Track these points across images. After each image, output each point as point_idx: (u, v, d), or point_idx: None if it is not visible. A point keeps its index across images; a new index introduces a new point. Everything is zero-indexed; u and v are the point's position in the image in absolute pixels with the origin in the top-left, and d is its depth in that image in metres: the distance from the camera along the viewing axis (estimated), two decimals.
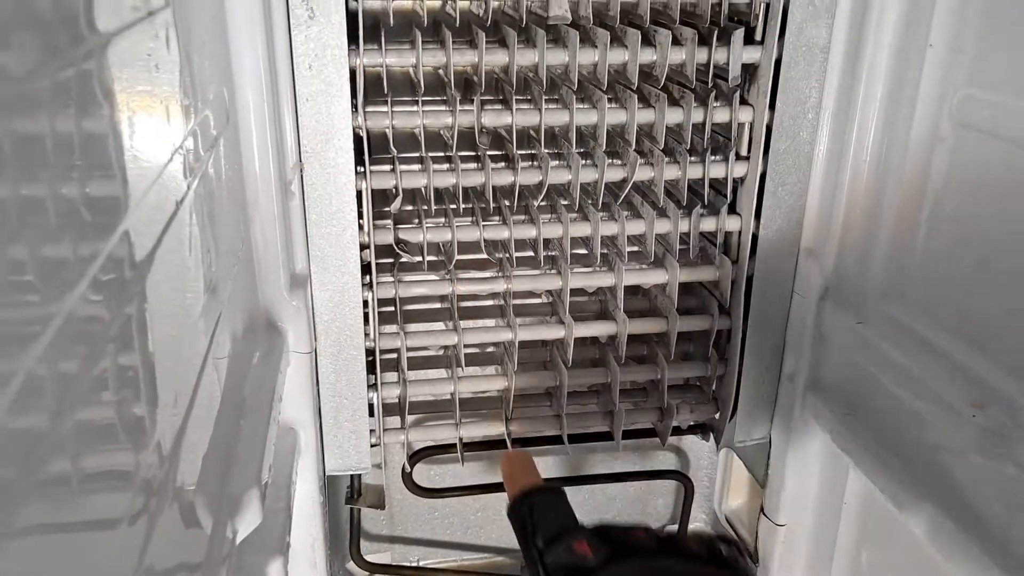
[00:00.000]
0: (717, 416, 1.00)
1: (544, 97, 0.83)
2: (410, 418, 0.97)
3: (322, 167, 0.80)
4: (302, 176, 0.80)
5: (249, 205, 0.76)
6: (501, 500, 0.89)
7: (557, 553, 0.58)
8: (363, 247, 0.86)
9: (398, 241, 0.86)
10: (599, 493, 1.15)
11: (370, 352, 0.90)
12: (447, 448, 0.99)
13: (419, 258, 0.88)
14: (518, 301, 0.98)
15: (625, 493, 1.18)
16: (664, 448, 1.12)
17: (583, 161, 0.85)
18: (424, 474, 1.10)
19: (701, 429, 1.04)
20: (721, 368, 0.97)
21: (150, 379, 0.50)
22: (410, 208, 0.97)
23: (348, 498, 1.04)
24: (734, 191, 0.90)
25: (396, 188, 0.84)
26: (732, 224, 0.91)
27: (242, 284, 0.76)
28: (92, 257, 0.40)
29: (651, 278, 0.92)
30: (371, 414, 0.93)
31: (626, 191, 0.87)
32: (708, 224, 0.90)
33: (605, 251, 0.92)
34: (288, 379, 0.83)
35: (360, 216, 0.84)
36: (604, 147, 0.85)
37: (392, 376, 0.95)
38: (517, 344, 0.90)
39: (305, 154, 0.80)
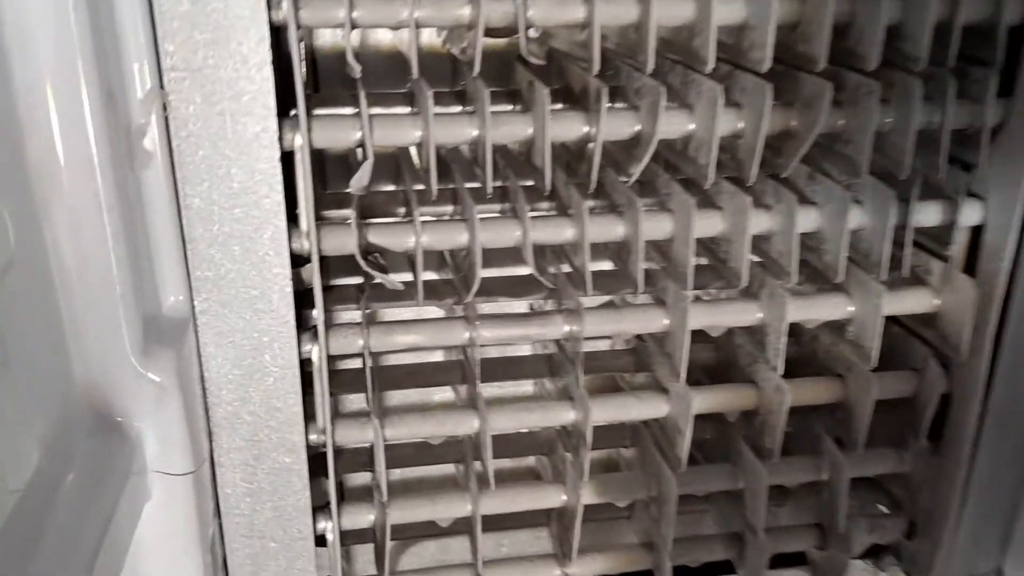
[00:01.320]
0: (912, 538, 0.60)
1: None
2: (391, 545, 0.56)
3: (208, 100, 0.39)
4: (167, 118, 0.40)
5: (34, 179, 0.35)
6: None
7: None
8: (298, 260, 0.45)
9: (367, 250, 0.45)
10: None
11: (316, 446, 0.50)
12: None
13: (401, 282, 0.47)
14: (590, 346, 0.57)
15: None
16: None
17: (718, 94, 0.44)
18: None
19: (875, 554, 0.64)
20: (925, 460, 0.57)
21: None
22: (389, 189, 0.56)
23: None
24: (974, 150, 0.49)
25: (363, 147, 0.43)
26: (971, 214, 0.50)
27: (25, 342, 0.35)
28: None
29: (828, 309, 0.51)
30: (321, 544, 0.52)
31: (803, 150, 0.46)
32: (929, 215, 0.50)
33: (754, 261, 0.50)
34: (150, 523, 0.42)
35: (292, 202, 0.43)
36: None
37: (359, 480, 0.55)
38: (590, 432, 0.50)
39: (172, 73, 0.39)
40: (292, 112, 0.42)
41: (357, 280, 0.56)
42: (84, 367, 0.39)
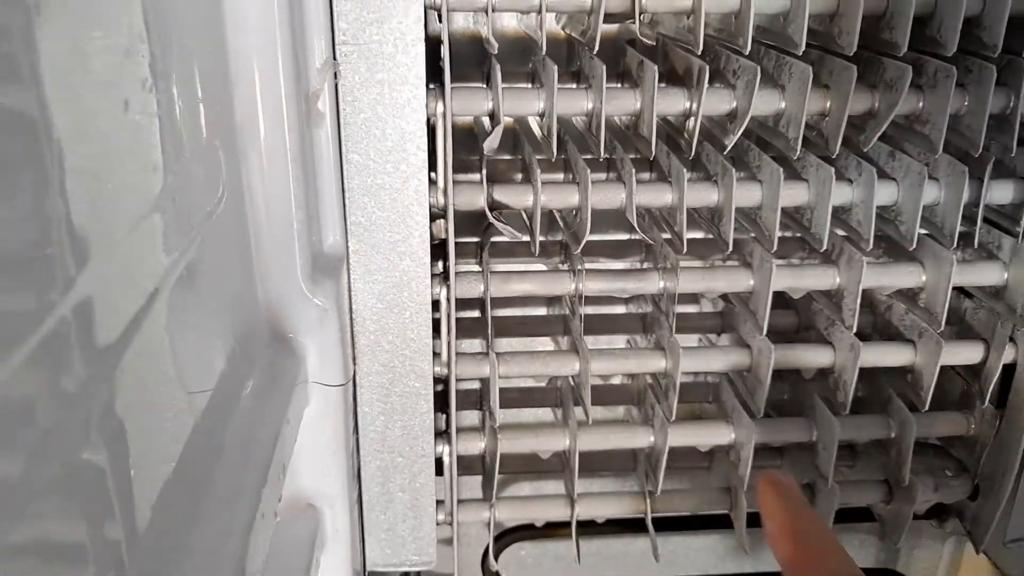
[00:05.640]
0: (974, 499, 0.64)
1: None
2: (499, 477, 0.63)
3: (371, 70, 0.47)
4: (337, 86, 0.47)
5: (239, 130, 0.43)
6: None
7: None
8: (435, 215, 0.52)
9: (493, 204, 0.52)
10: None
11: (439, 381, 0.57)
12: (554, 529, 0.65)
13: (524, 236, 0.54)
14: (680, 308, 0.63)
15: None
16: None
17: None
18: (513, 561, 0.76)
19: (937, 514, 0.68)
20: (989, 424, 0.61)
21: None
22: (508, 158, 0.63)
23: None
24: None
25: (494, 113, 0.50)
26: None
27: (223, 266, 0.43)
28: None
29: (901, 276, 0.56)
30: (439, 473, 0.59)
31: (883, 127, 0.51)
32: (1001, 193, 0.55)
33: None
34: (306, 427, 0.50)
35: (432, 160, 0.50)
36: None
37: (473, 418, 0.62)
38: (679, 380, 0.56)
39: (343, 46, 0.46)
40: (432, 86, 0.50)
41: (476, 239, 0.63)
42: (265, 289, 0.47)
